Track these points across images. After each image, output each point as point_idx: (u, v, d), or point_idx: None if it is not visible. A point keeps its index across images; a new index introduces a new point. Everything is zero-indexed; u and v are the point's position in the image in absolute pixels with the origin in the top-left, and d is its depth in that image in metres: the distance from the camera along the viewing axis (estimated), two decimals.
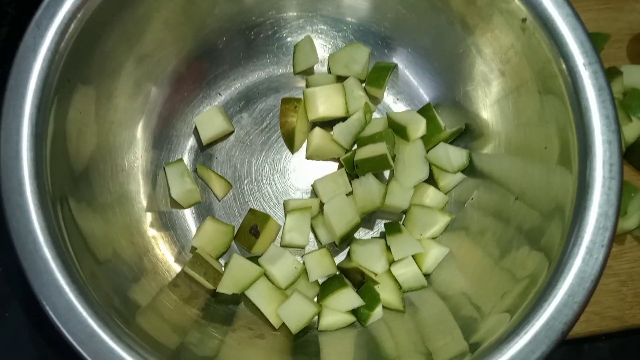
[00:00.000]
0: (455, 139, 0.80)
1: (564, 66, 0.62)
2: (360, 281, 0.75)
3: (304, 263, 0.75)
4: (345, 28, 0.83)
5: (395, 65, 0.82)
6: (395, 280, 0.75)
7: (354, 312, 0.74)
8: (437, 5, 0.73)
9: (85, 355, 0.54)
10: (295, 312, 0.71)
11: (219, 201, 0.80)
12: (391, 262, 0.76)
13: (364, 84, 0.82)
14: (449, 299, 0.71)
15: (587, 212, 0.58)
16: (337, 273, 0.77)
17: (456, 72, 0.78)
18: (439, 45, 0.78)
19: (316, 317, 0.74)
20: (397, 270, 0.75)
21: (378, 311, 0.73)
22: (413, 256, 0.76)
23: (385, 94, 0.83)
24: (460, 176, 0.78)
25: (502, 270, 0.67)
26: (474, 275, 0.71)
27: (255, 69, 0.83)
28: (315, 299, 0.75)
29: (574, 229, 0.58)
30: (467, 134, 0.79)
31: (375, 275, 0.74)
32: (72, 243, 0.59)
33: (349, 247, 0.77)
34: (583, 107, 0.60)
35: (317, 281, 0.76)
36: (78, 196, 0.64)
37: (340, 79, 0.82)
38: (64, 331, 0.55)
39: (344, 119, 0.80)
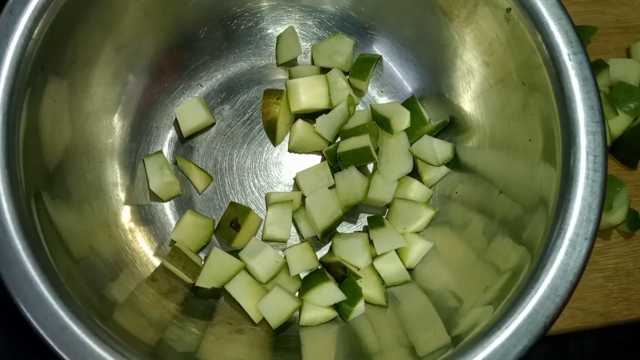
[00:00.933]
0: (440, 132, 0.79)
1: (548, 56, 0.61)
2: (343, 276, 0.74)
3: (285, 257, 0.74)
4: (326, 18, 0.82)
5: (380, 57, 0.82)
6: (378, 274, 0.74)
7: (335, 307, 0.73)
8: None
9: (55, 347, 0.53)
10: (275, 307, 0.69)
11: (199, 194, 0.79)
12: (374, 257, 0.75)
13: (347, 76, 0.81)
14: (432, 293, 0.71)
15: (570, 205, 0.57)
16: (319, 267, 0.76)
17: (440, 63, 0.77)
18: (422, 36, 0.77)
19: (297, 312, 0.73)
20: (380, 265, 0.74)
21: (360, 306, 0.72)
22: (396, 250, 0.75)
23: (370, 86, 0.83)
24: (444, 170, 0.77)
25: (485, 264, 0.66)
26: (457, 268, 0.70)
27: (237, 60, 0.82)
28: (297, 294, 0.74)
29: (557, 222, 0.57)
30: (452, 127, 0.78)
31: (358, 269, 0.73)
32: (46, 235, 0.58)
33: (331, 241, 0.76)
34: (567, 98, 0.59)
35: (298, 276, 0.75)
36: (53, 188, 0.63)
37: (324, 70, 0.81)
38: (34, 323, 0.54)
39: (327, 111, 0.79)
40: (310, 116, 0.80)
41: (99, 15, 0.66)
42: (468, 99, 0.75)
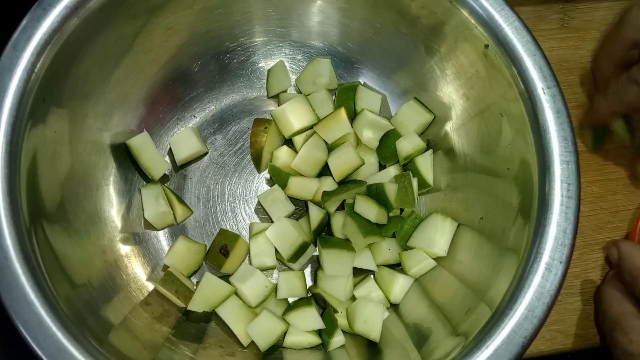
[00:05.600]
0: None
1: (524, 90, 0.64)
2: (324, 307, 0.76)
3: (277, 279, 0.76)
4: (315, 52, 0.85)
5: (359, 83, 0.83)
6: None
7: (320, 336, 0.74)
8: (402, 31, 0.76)
9: None
10: (263, 330, 0.71)
11: (177, 224, 0.80)
12: (356, 284, 0.77)
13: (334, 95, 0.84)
14: (413, 323, 0.73)
15: (546, 230, 0.60)
16: (308, 295, 0.78)
17: (423, 96, 0.80)
18: (405, 69, 0.80)
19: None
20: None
21: (338, 339, 0.73)
22: (380, 286, 0.77)
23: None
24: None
25: (468, 289, 0.68)
26: (439, 296, 0.73)
27: (229, 92, 0.85)
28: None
29: (534, 246, 0.60)
30: (435, 156, 0.80)
31: (339, 302, 0.75)
32: (45, 260, 0.60)
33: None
34: (542, 129, 0.63)
35: (287, 300, 0.77)
36: (52, 215, 0.65)
37: None
38: (34, 345, 0.55)
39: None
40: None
41: (99, 50, 0.68)
42: (450, 130, 0.77)
